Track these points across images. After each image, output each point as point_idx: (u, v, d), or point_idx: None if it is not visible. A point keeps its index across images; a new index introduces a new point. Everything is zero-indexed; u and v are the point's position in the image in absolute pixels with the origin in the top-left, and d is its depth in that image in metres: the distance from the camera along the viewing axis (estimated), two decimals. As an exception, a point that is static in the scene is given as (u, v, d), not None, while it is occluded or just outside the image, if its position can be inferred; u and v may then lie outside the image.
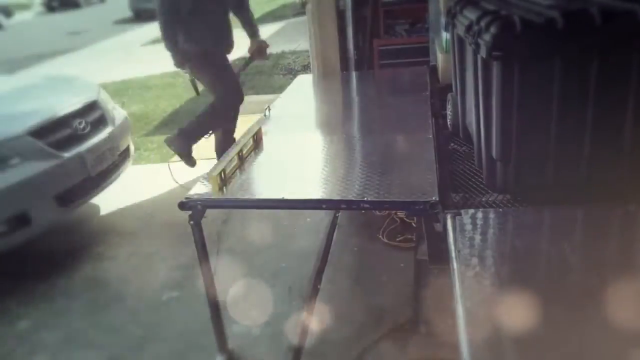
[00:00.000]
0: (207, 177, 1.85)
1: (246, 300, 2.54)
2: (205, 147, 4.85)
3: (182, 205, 1.77)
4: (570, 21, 1.38)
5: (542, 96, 1.46)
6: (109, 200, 3.74)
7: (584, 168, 1.55)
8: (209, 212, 2.00)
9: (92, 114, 3.30)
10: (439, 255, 1.78)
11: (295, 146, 2.28)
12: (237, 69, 3.88)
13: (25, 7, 28.03)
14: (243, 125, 5.49)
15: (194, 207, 1.77)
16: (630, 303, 1.08)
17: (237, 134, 5.07)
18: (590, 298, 1.10)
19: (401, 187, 1.70)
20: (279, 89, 7.01)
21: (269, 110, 2.69)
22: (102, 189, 3.28)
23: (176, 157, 4.68)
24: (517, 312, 1.06)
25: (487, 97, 1.56)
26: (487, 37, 1.45)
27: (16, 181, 2.71)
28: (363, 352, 2.12)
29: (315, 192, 1.74)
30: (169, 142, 3.65)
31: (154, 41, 13.64)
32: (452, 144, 2.15)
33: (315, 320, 2.35)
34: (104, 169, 3.22)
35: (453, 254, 1.28)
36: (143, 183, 4.09)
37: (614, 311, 1.05)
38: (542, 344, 0.97)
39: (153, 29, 16.01)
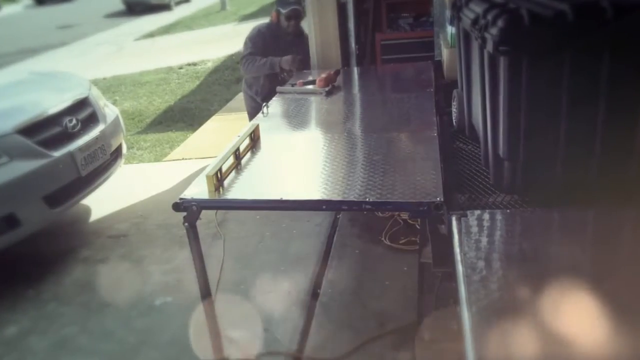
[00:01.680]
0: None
1: (243, 305, 2.54)
2: (200, 146, 4.87)
3: (177, 206, 1.77)
4: (580, 15, 1.38)
5: (551, 92, 1.46)
6: (100, 201, 3.74)
7: (594, 168, 1.55)
8: (205, 214, 1.99)
9: (82, 112, 3.30)
10: (444, 258, 1.78)
11: (294, 145, 2.28)
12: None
13: (13, 0, 28.07)
14: (240, 122, 5.50)
15: (188, 208, 1.77)
16: (643, 308, 1.08)
17: (236, 131, 5.10)
18: (600, 302, 1.10)
19: (404, 187, 1.70)
20: (278, 85, 7.02)
21: (267, 107, 2.70)
22: (93, 190, 3.28)
23: (170, 157, 4.70)
24: (525, 318, 1.06)
25: (494, 94, 1.56)
26: (494, 31, 1.44)
27: (4, 181, 2.71)
28: (364, 358, 2.12)
29: (315, 192, 1.74)
30: None
31: (147, 35, 13.69)
32: (457, 143, 2.15)
33: (315, 325, 2.35)
34: (95, 168, 3.23)
35: (458, 257, 1.28)
36: (135, 183, 4.10)
37: (624, 315, 1.05)
38: (550, 349, 0.97)
39: (146, 23, 16.10)
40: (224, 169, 1.90)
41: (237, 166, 2.01)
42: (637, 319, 1.05)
